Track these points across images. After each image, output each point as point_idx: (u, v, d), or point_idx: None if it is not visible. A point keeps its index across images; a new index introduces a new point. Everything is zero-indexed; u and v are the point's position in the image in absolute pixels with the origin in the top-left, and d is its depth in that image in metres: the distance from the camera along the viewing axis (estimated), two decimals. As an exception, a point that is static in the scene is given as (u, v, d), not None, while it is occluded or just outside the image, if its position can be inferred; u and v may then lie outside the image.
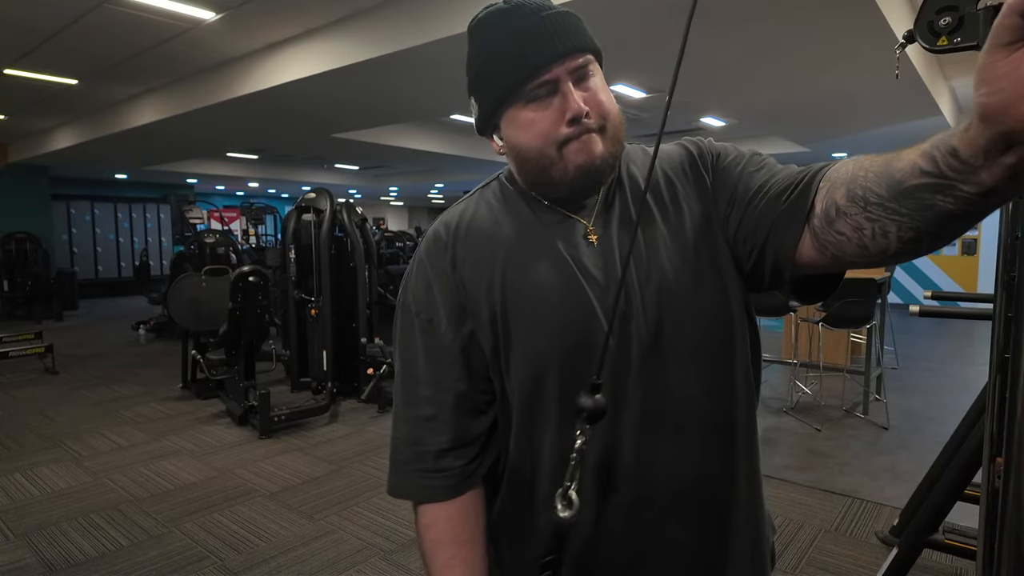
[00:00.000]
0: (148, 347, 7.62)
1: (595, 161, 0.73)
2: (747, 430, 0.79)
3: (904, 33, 1.03)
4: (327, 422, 4.49)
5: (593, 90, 0.73)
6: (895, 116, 7.52)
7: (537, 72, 0.71)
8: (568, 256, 0.75)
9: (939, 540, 2.13)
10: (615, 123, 0.75)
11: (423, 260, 0.81)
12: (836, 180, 0.64)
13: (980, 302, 3.66)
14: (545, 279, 0.75)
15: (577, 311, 0.74)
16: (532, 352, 0.75)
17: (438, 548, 0.78)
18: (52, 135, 9.32)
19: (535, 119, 0.73)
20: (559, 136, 0.72)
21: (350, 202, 5.34)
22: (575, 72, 0.72)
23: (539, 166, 0.75)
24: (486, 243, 0.78)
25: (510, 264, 0.76)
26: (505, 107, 0.74)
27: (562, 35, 0.71)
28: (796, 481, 3.29)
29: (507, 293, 0.75)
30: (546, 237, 0.77)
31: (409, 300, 0.81)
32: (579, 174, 0.73)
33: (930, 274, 9.52)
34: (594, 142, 0.73)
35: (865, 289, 4.08)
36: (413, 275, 0.82)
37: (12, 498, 3.25)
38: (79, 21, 4.71)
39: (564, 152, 0.73)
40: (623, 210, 0.78)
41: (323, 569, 2.53)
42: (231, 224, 14.23)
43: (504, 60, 0.72)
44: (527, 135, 0.74)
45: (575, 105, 0.70)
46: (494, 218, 0.80)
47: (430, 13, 4.23)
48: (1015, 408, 0.98)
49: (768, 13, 3.97)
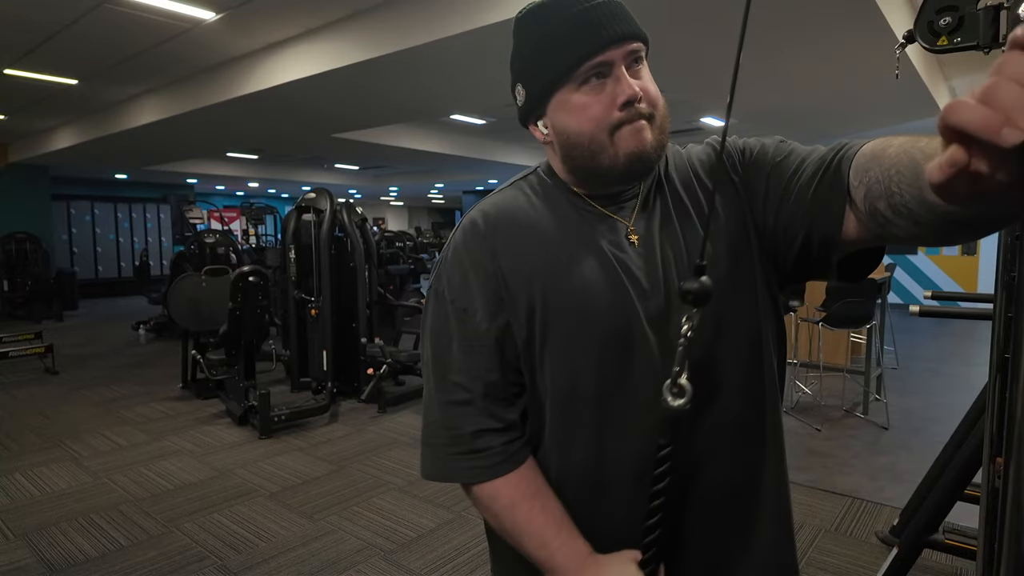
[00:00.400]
0: (148, 347, 7.62)
1: (646, 148, 0.73)
2: (774, 429, 0.80)
3: (904, 33, 1.03)
4: (327, 422, 4.49)
5: (644, 78, 0.73)
6: (895, 116, 7.52)
7: (592, 54, 0.70)
8: (612, 256, 0.75)
9: (939, 540, 2.13)
10: (663, 113, 0.75)
11: (459, 248, 0.79)
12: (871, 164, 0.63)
13: (980, 302, 3.66)
14: (591, 278, 0.74)
15: (622, 315, 0.74)
16: (572, 352, 0.75)
17: (512, 510, 0.77)
18: (52, 135, 9.32)
19: (588, 103, 0.72)
20: (612, 120, 0.72)
21: (350, 202, 5.33)
22: (629, 56, 0.72)
23: (589, 152, 0.74)
24: (527, 235, 0.78)
25: (553, 259, 0.76)
26: (556, 90, 0.74)
27: (618, 20, 0.71)
28: (796, 481, 3.29)
29: (549, 288, 0.75)
30: (590, 234, 0.77)
31: (443, 287, 0.79)
32: (629, 160, 0.73)
33: (930, 274, 9.52)
34: (645, 129, 0.72)
35: (865, 289, 4.08)
36: (448, 262, 0.80)
37: (12, 498, 3.25)
38: (79, 21, 4.71)
39: (615, 138, 0.72)
40: (664, 211, 0.78)
41: (323, 569, 2.53)
42: (231, 224, 14.24)
43: (558, 43, 0.72)
44: (578, 119, 0.73)
45: (629, 88, 0.70)
46: (534, 211, 0.79)
47: (430, 13, 4.23)
48: (1015, 408, 0.98)
49: (768, 13, 3.97)
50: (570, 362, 0.75)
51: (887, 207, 0.59)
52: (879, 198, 0.60)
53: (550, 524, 0.75)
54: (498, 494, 0.77)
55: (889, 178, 0.59)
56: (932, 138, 0.57)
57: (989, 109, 0.34)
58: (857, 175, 0.64)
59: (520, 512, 0.76)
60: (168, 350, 6.93)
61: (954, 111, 0.36)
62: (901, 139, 0.61)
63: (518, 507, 0.76)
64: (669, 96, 0.71)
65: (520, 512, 0.76)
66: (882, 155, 0.62)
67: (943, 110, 0.37)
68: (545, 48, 0.73)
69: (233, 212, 16.08)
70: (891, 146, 0.61)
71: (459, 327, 0.78)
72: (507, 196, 0.82)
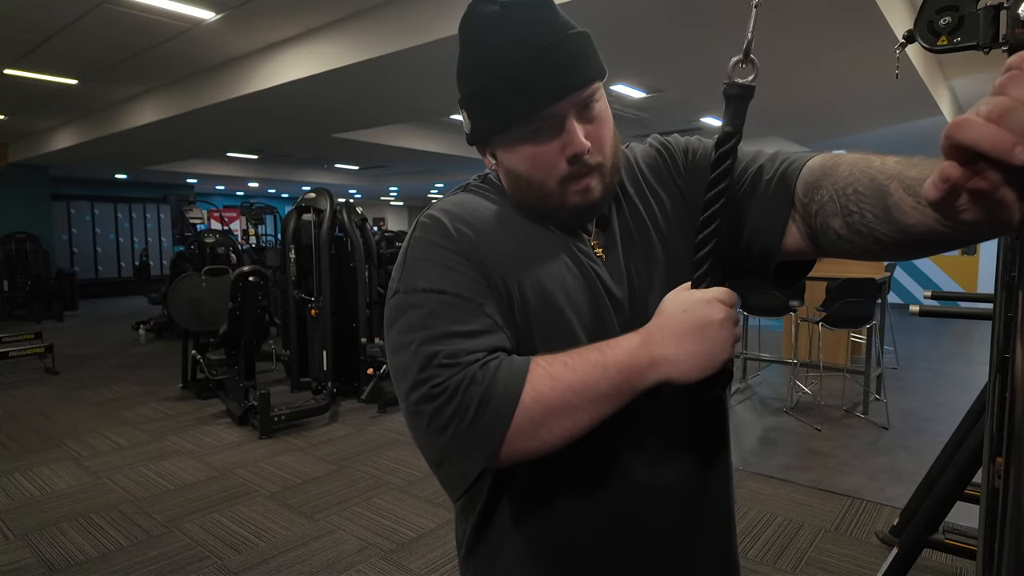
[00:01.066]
0: (148, 347, 7.62)
1: (594, 202, 0.72)
2: (723, 428, 0.81)
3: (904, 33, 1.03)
4: (327, 422, 4.49)
5: (596, 122, 0.70)
6: (895, 116, 7.52)
7: (543, 107, 0.66)
8: (587, 265, 0.74)
9: (939, 540, 2.13)
10: (614, 157, 0.73)
11: (425, 244, 0.71)
12: (823, 181, 0.64)
13: (980, 302, 3.66)
14: (569, 283, 0.72)
15: (599, 322, 0.73)
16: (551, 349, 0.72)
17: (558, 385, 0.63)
18: (52, 135, 9.32)
19: (536, 153, 0.69)
20: (560, 172, 0.69)
21: (350, 202, 5.33)
22: (580, 104, 0.69)
23: (536, 195, 0.72)
24: (499, 232, 0.73)
25: (529, 259, 0.72)
26: (503, 132, 0.70)
27: (573, 66, 0.67)
28: (796, 481, 3.29)
29: (528, 286, 0.71)
30: (561, 242, 0.74)
31: (411, 285, 0.69)
32: (576, 211, 0.72)
33: (930, 274, 9.52)
34: (593, 184, 0.71)
35: (865, 289, 4.08)
36: (415, 261, 0.71)
37: (12, 498, 3.25)
38: (79, 21, 4.71)
39: (564, 190, 0.70)
40: (622, 223, 0.77)
41: (323, 569, 2.53)
42: (231, 224, 14.23)
43: (507, 88, 0.67)
44: (526, 166, 0.71)
45: (578, 144, 0.67)
46: (501, 211, 0.75)
47: (430, 13, 4.23)
48: (1015, 408, 0.98)
49: (768, 13, 3.97)
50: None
51: (842, 225, 0.60)
52: (833, 216, 0.61)
53: (591, 352, 0.64)
54: (537, 386, 0.62)
55: (847, 197, 0.59)
56: (883, 157, 0.59)
57: (1000, 128, 0.35)
58: (807, 191, 0.64)
59: (562, 376, 0.63)
60: (168, 350, 6.94)
61: (963, 130, 0.36)
62: (851, 156, 0.62)
63: (558, 374, 0.63)
64: (669, 96, 0.71)
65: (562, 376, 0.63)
66: (833, 172, 0.62)
67: (949, 128, 0.37)
68: (493, 90, 0.68)
69: (233, 212, 16.07)
70: (841, 164, 0.62)
71: (445, 311, 0.66)
72: (467, 198, 0.78)
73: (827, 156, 0.65)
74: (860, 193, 0.58)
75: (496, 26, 0.67)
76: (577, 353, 0.65)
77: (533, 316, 0.70)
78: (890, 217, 0.55)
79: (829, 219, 0.61)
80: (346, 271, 5.13)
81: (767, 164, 0.70)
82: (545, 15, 0.68)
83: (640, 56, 5.06)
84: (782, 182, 0.67)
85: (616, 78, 5.91)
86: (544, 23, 0.67)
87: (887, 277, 4.74)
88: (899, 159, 0.57)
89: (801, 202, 0.65)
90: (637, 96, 6.58)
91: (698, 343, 0.63)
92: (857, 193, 0.58)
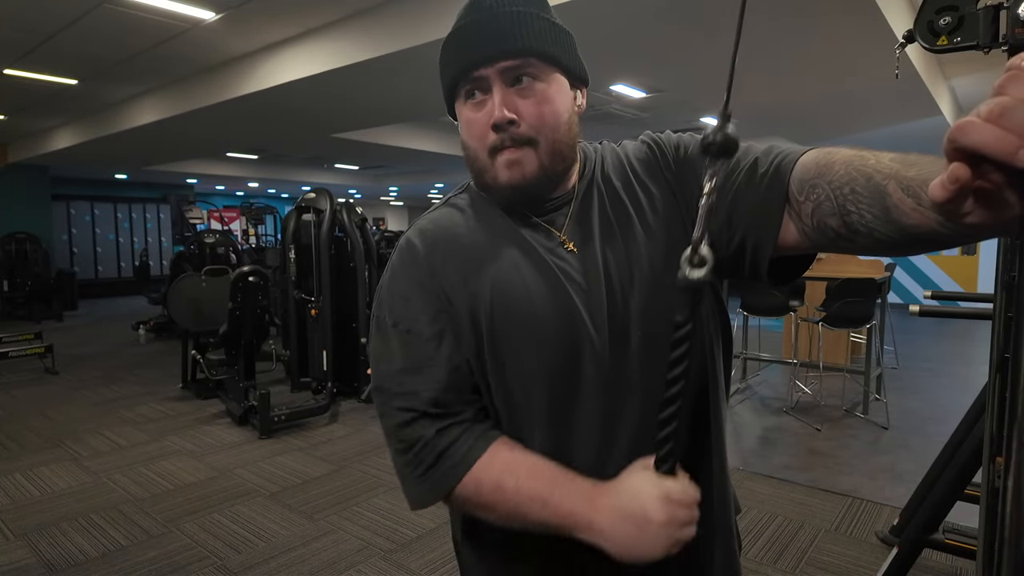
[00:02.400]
0: (148, 347, 7.62)
1: (526, 179, 0.71)
2: (717, 420, 0.80)
3: (904, 33, 1.03)
4: (327, 422, 4.49)
5: (535, 98, 0.70)
6: (895, 116, 7.52)
7: (468, 72, 0.70)
8: (552, 264, 0.74)
9: (939, 540, 2.13)
10: (555, 136, 0.72)
11: (397, 272, 0.77)
12: (817, 180, 0.62)
13: (980, 302, 3.66)
14: (533, 287, 0.73)
15: (568, 322, 0.72)
16: (521, 362, 0.73)
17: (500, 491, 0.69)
18: (52, 135, 9.32)
19: (472, 119, 0.72)
20: (489, 141, 0.71)
21: (350, 202, 5.34)
22: (506, 74, 0.69)
23: (476, 168, 0.75)
24: (465, 249, 0.76)
25: (494, 270, 0.74)
26: (453, 98, 0.75)
27: (504, 36, 0.68)
28: (796, 481, 3.29)
29: (493, 299, 0.73)
30: (527, 243, 0.75)
31: (384, 314, 0.76)
32: (508, 190, 0.73)
33: (930, 274, 9.52)
34: (525, 159, 0.70)
35: (865, 289, 4.08)
36: (386, 287, 0.78)
37: (12, 498, 3.25)
38: (79, 21, 4.71)
39: (495, 161, 0.71)
40: (602, 214, 0.77)
41: (323, 569, 2.53)
42: (231, 224, 14.23)
43: (448, 54, 0.72)
44: (467, 133, 0.74)
45: (496, 111, 0.69)
46: (470, 224, 0.78)
47: (430, 13, 4.23)
48: (1015, 408, 0.98)
49: (768, 13, 3.98)
50: (520, 373, 0.73)
51: (840, 224, 0.60)
52: (830, 215, 0.60)
53: (543, 482, 0.68)
54: (481, 480, 0.70)
55: (843, 196, 0.59)
56: (877, 155, 0.58)
57: (1003, 130, 0.35)
58: (802, 189, 0.64)
59: (507, 490, 0.69)
60: (168, 350, 6.93)
61: (966, 132, 0.36)
62: (845, 153, 0.61)
63: (504, 484, 0.69)
64: (669, 96, 0.71)
65: (507, 490, 0.69)
66: (828, 171, 0.61)
67: (952, 130, 0.37)
68: (442, 57, 0.73)
69: (233, 212, 16.06)
70: (836, 162, 0.61)
71: (404, 350, 0.74)
72: (443, 213, 0.81)
73: (821, 153, 0.64)
74: (858, 193, 0.58)
75: (466, 7, 0.72)
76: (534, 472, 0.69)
77: (496, 318, 0.72)
78: (889, 217, 0.55)
79: (826, 218, 0.61)
80: (346, 271, 5.13)
81: (762, 158, 0.69)
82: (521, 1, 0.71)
83: (640, 56, 5.06)
84: (776, 178, 0.66)
85: (616, 78, 5.90)
86: (507, 2, 0.70)
87: (887, 277, 4.74)
88: (894, 156, 0.57)
89: (796, 199, 0.64)
90: (637, 96, 6.58)
91: (634, 534, 0.64)
92: (855, 193, 0.58)
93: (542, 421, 0.74)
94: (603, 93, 6.48)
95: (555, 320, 0.72)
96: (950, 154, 0.37)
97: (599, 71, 5.62)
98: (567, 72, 0.74)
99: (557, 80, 0.72)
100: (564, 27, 0.74)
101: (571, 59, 0.74)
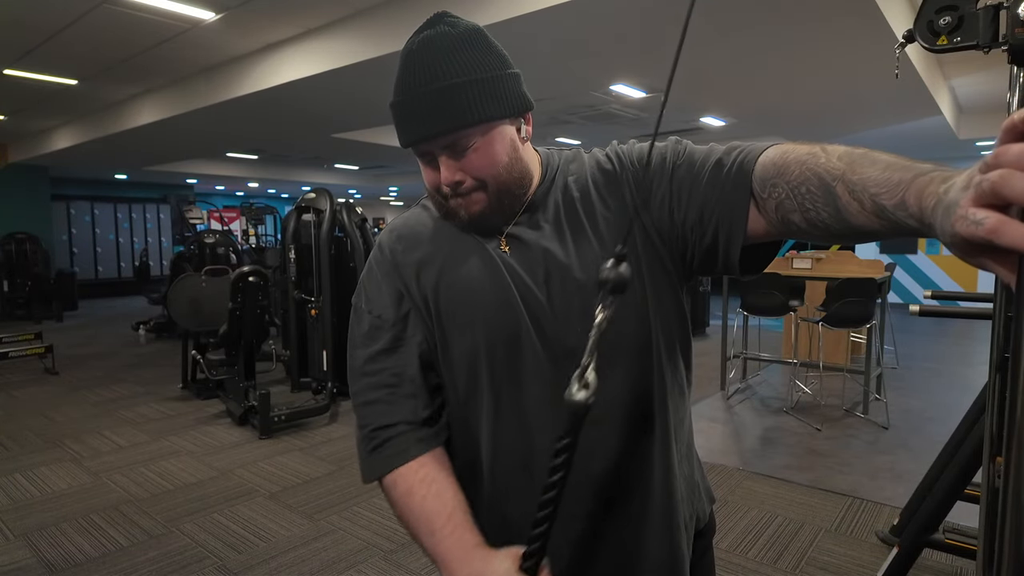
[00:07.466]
0: (148, 347, 7.62)
1: (482, 214, 0.79)
2: (664, 425, 0.82)
3: (904, 33, 1.03)
4: (327, 422, 4.49)
5: (477, 153, 0.75)
6: (895, 116, 7.51)
7: (413, 144, 0.77)
8: (496, 256, 0.81)
9: (939, 540, 2.13)
10: (500, 179, 0.77)
11: (372, 264, 0.89)
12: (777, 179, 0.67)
13: (980, 302, 3.66)
14: (477, 276, 0.81)
15: (508, 312, 0.78)
16: (467, 346, 0.81)
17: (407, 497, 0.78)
18: (52, 135, 9.32)
19: (426, 172, 0.80)
20: (443, 191, 0.79)
21: (350, 202, 5.34)
22: (448, 147, 0.75)
23: (436, 203, 0.83)
24: (425, 244, 0.85)
25: (444, 262, 0.83)
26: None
27: (438, 115, 0.73)
28: (796, 481, 3.29)
29: (440, 286, 0.82)
30: (480, 246, 0.82)
31: (361, 301, 0.88)
32: (465, 222, 0.80)
33: (930, 273, 9.52)
34: (474, 202, 0.78)
35: (865, 289, 4.08)
36: (365, 278, 0.89)
37: (12, 498, 3.25)
38: (79, 21, 4.71)
39: (450, 204, 0.80)
40: (555, 220, 0.82)
41: (323, 569, 2.53)
42: (231, 224, 14.21)
43: (397, 118, 0.77)
44: (425, 179, 0.81)
45: (444, 178, 0.76)
46: (433, 222, 0.87)
47: (429, 13, 4.20)
48: (1015, 408, 0.98)
49: (768, 12, 3.97)
50: (467, 355, 0.81)
51: (802, 220, 0.66)
52: (792, 212, 0.66)
53: (441, 512, 0.75)
54: (396, 482, 0.79)
55: (801, 195, 0.65)
56: (828, 152, 0.64)
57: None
58: (764, 186, 0.69)
59: (414, 499, 0.77)
60: (168, 350, 6.94)
61: (1011, 186, 0.38)
62: (799, 153, 0.66)
63: (413, 493, 0.77)
64: (669, 96, 0.72)
65: (414, 499, 0.77)
66: (785, 170, 0.67)
67: (993, 179, 0.39)
68: (394, 114, 0.78)
69: (233, 212, 16.05)
70: (791, 163, 0.66)
71: (374, 333, 0.84)
72: (413, 213, 0.91)
73: (778, 152, 0.69)
74: (813, 193, 0.63)
75: (407, 58, 0.76)
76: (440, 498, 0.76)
77: (442, 300, 0.82)
78: (840, 217, 0.61)
79: (790, 214, 0.67)
80: (346, 271, 5.13)
81: (724, 157, 0.74)
82: (458, 57, 0.73)
83: (640, 56, 5.06)
84: (740, 173, 0.71)
85: (616, 78, 5.90)
86: (443, 65, 0.73)
87: (887, 277, 4.74)
88: (842, 154, 0.62)
89: (759, 195, 0.69)
90: (637, 96, 6.58)
91: None
92: (810, 192, 0.63)
93: (486, 404, 0.81)
94: (603, 93, 6.48)
95: (494, 303, 0.79)
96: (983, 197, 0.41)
97: (599, 71, 5.62)
98: (505, 115, 0.77)
99: (497, 131, 0.77)
100: (497, 64, 0.76)
101: (507, 102, 0.76)
